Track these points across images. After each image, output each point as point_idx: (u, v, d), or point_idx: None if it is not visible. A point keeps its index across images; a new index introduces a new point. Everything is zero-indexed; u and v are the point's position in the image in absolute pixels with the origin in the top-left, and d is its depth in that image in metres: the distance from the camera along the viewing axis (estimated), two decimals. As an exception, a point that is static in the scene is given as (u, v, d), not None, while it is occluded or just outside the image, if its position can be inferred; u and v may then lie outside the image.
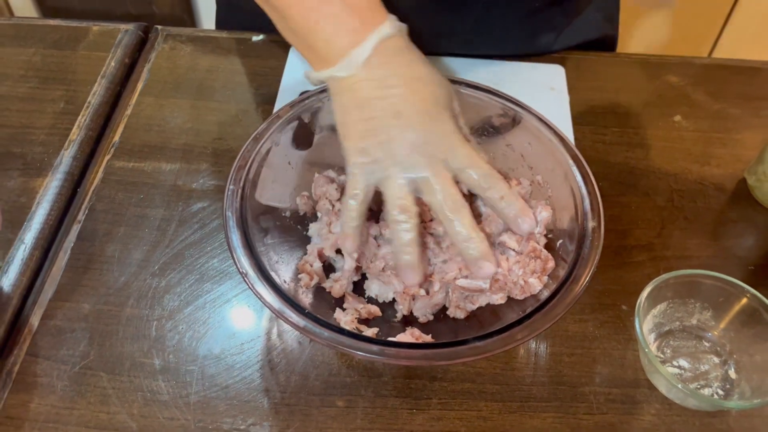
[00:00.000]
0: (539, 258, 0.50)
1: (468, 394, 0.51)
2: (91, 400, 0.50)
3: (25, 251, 0.57)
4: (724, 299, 0.52)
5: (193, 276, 0.57)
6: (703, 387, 0.51)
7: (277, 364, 0.52)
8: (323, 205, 0.56)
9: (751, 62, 0.78)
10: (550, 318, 0.44)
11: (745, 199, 0.65)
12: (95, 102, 0.70)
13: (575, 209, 0.51)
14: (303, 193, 0.58)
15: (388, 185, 0.48)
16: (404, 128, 0.47)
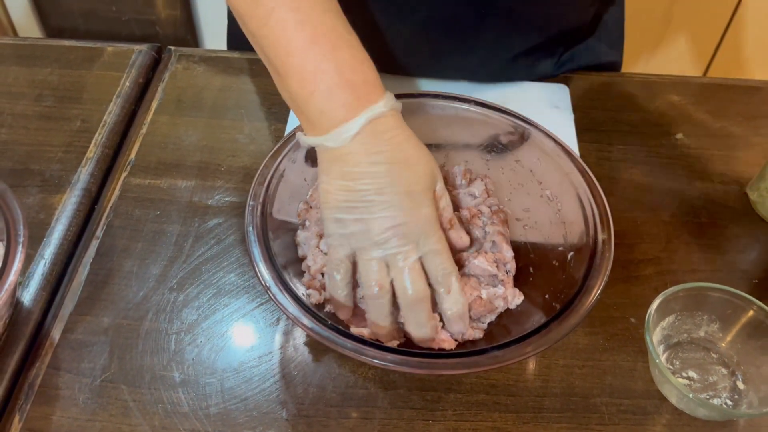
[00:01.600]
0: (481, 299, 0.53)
1: (482, 405, 0.52)
2: (112, 413, 0.51)
3: (45, 266, 0.59)
4: (731, 311, 0.54)
5: (210, 290, 0.58)
6: (712, 398, 0.52)
7: (294, 377, 0.53)
8: (314, 213, 0.57)
9: (750, 81, 0.80)
10: (565, 328, 0.46)
11: (748, 214, 0.66)
12: (111, 121, 0.71)
13: (585, 222, 0.53)
14: (303, 200, 0.59)
15: (362, 260, 0.50)
16: (384, 207, 0.48)
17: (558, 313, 0.47)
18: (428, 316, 0.50)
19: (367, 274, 0.50)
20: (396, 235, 0.48)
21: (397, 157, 0.50)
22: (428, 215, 0.50)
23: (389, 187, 0.49)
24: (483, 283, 0.55)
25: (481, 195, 0.60)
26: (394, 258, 0.49)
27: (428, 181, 0.51)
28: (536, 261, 0.57)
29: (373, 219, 0.49)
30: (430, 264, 0.50)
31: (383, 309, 0.50)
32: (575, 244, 0.53)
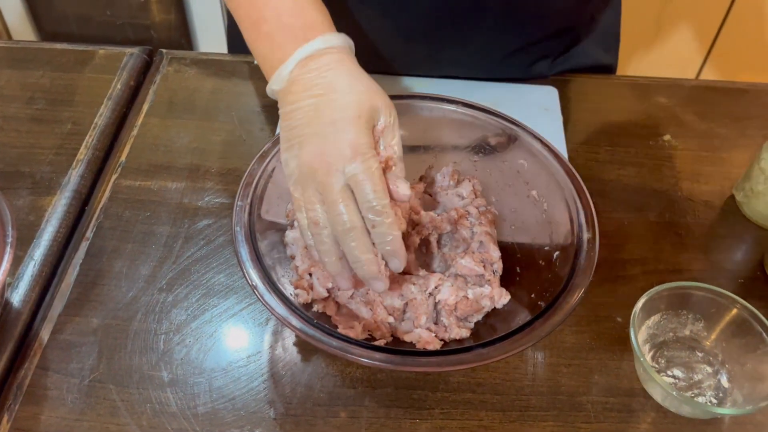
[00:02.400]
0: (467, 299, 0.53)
1: (469, 404, 0.53)
2: (100, 412, 0.51)
3: (34, 267, 0.59)
4: (716, 310, 0.54)
5: (199, 291, 0.58)
6: (697, 396, 0.53)
7: (282, 376, 0.54)
8: None
9: (738, 83, 0.81)
10: (549, 326, 0.46)
11: (734, 214, 0.67)
12: (102, 123, 0.72)
13: (570, 222, 0.53)
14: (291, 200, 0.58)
15: (302, 197, 0.50)
16: (309, 138, 0.49)
17: (542, 312, 0.47)
18: (362, 248, 0.48)
19: (300, 213, 0.50)
20: (321, 166, 0.48)
21: (328, 89, 0.50)
22: (352, 140, 0.48)
23: (316, 118, 0.49)
24: (470, 283, 0.55)
25: (469, 196, 0.60)
26: (324, 189, 0.48)
27: (356, 110, 0.49)
28: (523, 261, 0.57)
29: (303, 152, 0.49)
30: (357, 193, 0.48)
31: (322, 246, 0.49)
32: (561, 243, 0.54)
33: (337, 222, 0.48)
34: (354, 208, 0.48)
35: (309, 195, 0.49)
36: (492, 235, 0.58)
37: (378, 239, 0.48)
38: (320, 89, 0.50)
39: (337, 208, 0.48)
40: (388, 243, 0.48)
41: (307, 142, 0.49)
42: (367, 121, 0.49)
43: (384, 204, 0.48)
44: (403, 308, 0.54)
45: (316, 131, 0.49)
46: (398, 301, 0.53)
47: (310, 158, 0.49)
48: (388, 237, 0.48)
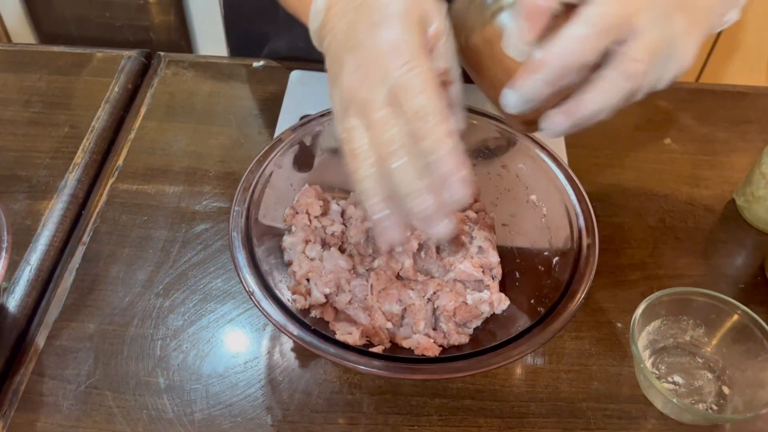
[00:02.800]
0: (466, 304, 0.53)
1: (468, 410, 0.52)
2: (96, 419, 0.51)
3: (30, 272, 0.58)
4: (716, 316, 0.54)
5: (196, 296, 0.58)
6: (698, 402, 0.52)
7: (279, 382, 0.53)
8: (301, 219, 0.57)
9: (738, 87, 0.80)
10: (549, 332, 0.46)
11: (734, 219, 0.66)
12: (99, 126, 0.71)
13: (570, 227, 0.53)
14: (289, 205, 0.58)
15: (341, 136, 0.41)
16: (347, 57, 0.40)
17: (542, 318, 0.47)
18: (413, 173, 0.37)
19: (350, 148, 0.40)
20: (360, 82, 0.39)
21: (362, 2, 0.41)
22: (395, 40, 0.38)
23: (352, 32, 0.40)
24: (469, 289, 0.55)
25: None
26: (364, 108, 0.39)
27: (400, 6, 0.39)
28: (522, 266, 0.57)
29: (341, 78, 0.40)
30: (403, 102, 0.38)
31: (364, 183, 0.39)
32: (560, 248, 0.53)
33: (380, 144, 0.38)
34: (401, 124, 0.38)
35: (348, 123, 0.40)
36: (491, 240, 0.57)
37: (429, 155, 0.37)
38: (352, 6, 0.41)
39: (378, 127, 0.38)
40: (444, 159, 0.37)
41: (345, 62, 0.40)
42: (417, 21, 0.40)
43: (433, 111, 0.37)
44: (401, 314, 0.53)
45: (353, 45, 0.40)
46: (396, 307, 0.53)
47: (349, 80, 0.39)
48: (442, 150, 0.37)
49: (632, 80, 0.38)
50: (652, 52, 0.39)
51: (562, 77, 0.39)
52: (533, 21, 0.39)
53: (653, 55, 0.39)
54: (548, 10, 0.39)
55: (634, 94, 0.41)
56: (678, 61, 0.41)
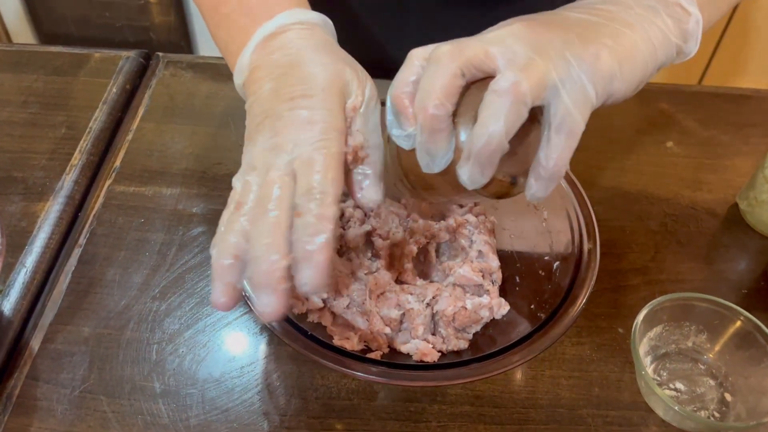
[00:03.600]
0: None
1: (467, 416, 0.52)
2: (91, 424, 0.50)
3: (26, 275, 0.58)
4: (719, 322, 0.53)
5: (193, 299, 0.57)
6: (700, 409, 0.52)
7: (276, 388, 0.53)
8: None
9: (741, 90, 0.80)
10: (549, 338, 0.45)
11: (737, 223, 0.66)
12: (96, 127, 0.71)
13: (571, 231, 0.52)
14: None
15: (234, 189, 0.42)
16: (263, 123, 0.41)
17: (542, 323, 0.46)
18: (274, 243, 0.36)
19: (230, 202, 0.41)
20: (270, 148, 0.39)
21: (287, 66, 0.42)
22: (309, 117, 0.39)
23: (275, 99, 0.41)
24: (468, 293, 0.54)
25: (468, 204, 0.59)
26: (263, 171, 0.39)
27: (320, 83, 0.40)
28: (522, 270, 0.56)
29: (257, 141, 0.41)
30: (298, 176, 0.38)
31: (229, 230, 0.38)
32: (561, 253, 0.53)
33: (260, 202, 0.38)
34: (288, 195, 0.38)
35: (246, 176, 0.40)
36: (491, 245, 0.57)
37: (300, 233, 0.37)
38: (280, 69, 0.42)
39: (267, 187, 0.38)
40: (311, 240, 0.36)
41: (263, 129, 0.40)
42: (336, 97, 0.41)
43: (325, 191, 0.38)
44: (400, 319, 0.53)
45: (273, 114, 0.40)
46: (395, 312, 0.52)
47: (262, 145, 0.40)
48: (315, 232, 0.37)
49: (512, 96, 0.36)
50: (528, 71, 0.37)
51: (435, 119, 0.38)
52: (404, 111, 0.39)
53: (531, 74, 0.37)
54: (411, 94, 0.39)
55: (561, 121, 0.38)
56: (589, 71, 0.38)
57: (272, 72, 0.42)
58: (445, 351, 0.52)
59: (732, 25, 1.53)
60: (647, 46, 0.41)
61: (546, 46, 0.38)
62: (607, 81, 0.39)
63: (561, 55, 0.38)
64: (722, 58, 1.60)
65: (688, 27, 0.44)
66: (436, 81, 0.37)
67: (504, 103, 0.36)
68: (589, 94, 0.38)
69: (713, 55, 1.60)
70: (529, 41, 0.38)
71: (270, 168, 0.39)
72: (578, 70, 0.38)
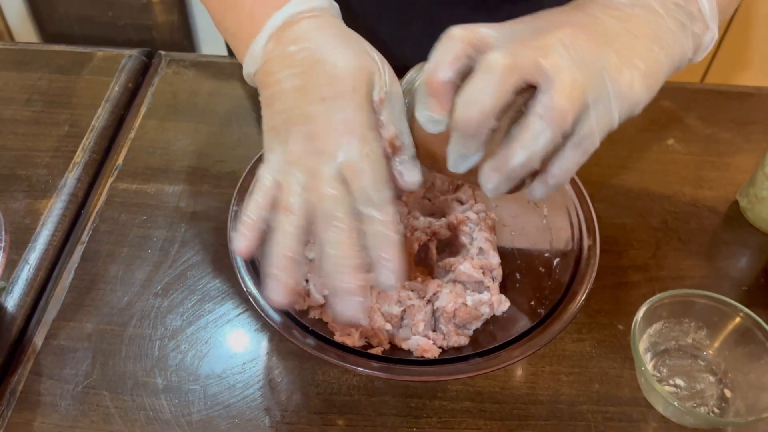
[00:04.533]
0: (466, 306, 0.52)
1: (467, 412, 0.52)
2: (93, 419, 0.51)
3: (29, 272, 0.58)
4: (719, 318, 0.53)
5: (195, 296, 0.58)
6: (699, 405, 0.52)
7: (278, 383, 0.53)
8: None
9: (742, 87, 0.80)
10: (549, 334, 0.45)
11: (738, 221, 0.66)
12: (99, 125, 0.71)
13: (571, 228, 0.52)
14: None
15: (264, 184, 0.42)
16: (296, 122, 0.41)
17: (542, 320, 0.47)
18: (349, 251, 0.39)
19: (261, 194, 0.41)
20: (310, 152, 0.40)
21: (310, 61, 0.42)
22: (347, 120, 0.40)
23: (302, 98, 0.41)
24: (469, 290, 0.54)
25: (468, 201, 0.59)
26: (312, 176, 0.40)
27: (350, 82, 0.41)
28: (523, 267, 0.56)
29: (289, 141, 0.41)
30: (353, 183, 0.40)
31: (282, 236, 0.40)
32: (561, 250, 0.53)
33: (322, 209, 0.39)
34: (346, 202, 0.40)
35: (289, 182, 0.41)
36: (492, 241, 0.57)
37: (371, 241, 0.39)
38: (302, 64, 0.42)
39: (322, 193, 0.39)
40: (384, 247, 0.39)
41: (294, 129, 0.41)
42: (365, 95, 0.41)
43: (385, 198, 0.40)
44: (400, 315, 0.53)
45: (304, 113, 0.41)
46: (396, 308, 0.53)
47: (298, 147, 0.41)
48: (386, 239, 0.39)
49: (555, 126, 0.37)
50: (572, 94, 0.37)
51: (478, 129, 0.38)
52: (438, 96, 0.39)
53: (574, 98, 0.37)
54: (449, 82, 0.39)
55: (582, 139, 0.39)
56: (620, 97, 0.39)
57: (293, 67, 0.42)
58: (446, 347, 0.52)
59: (734, 23, 1.53)
60: (670, 66, 0.42)
61: (588, 62, 0.38)
62: (632, 108, 0.40)
63: (599, 75, 0.38)
64: (724, 56, 1.60)
65: (702, 42, 0.45)
66: (487, 94, 0.37)
67: (546, 131, 0.37)
68: (613, 119, 0.39)
69: (715, 53, 1.60)
70: (574, 55, 0.38)
71: (316, 174, 0.40)
72: (611, 96, 0.38)
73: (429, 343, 0.50)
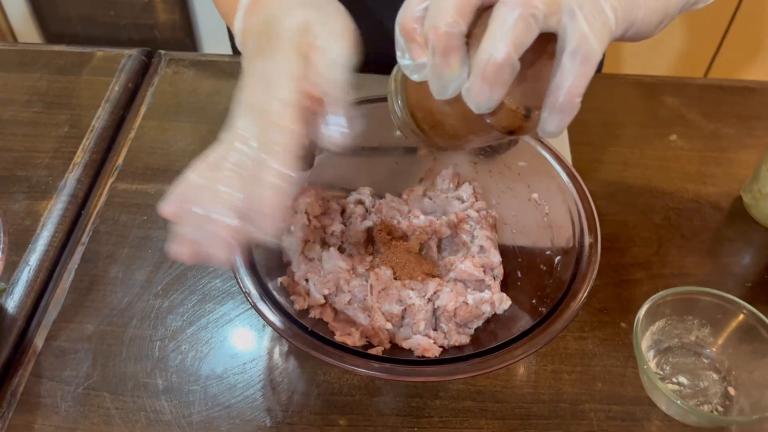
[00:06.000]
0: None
1: (469, 412, 0.52)
2: (94, 421, 0.50)
3: (29, 273, 0.58)
4: (722, 316, 0.53)
5: (195, 296, 0.58)
6: (703, 403, 0.51)
7: (279, 384, 0.53)
8: (300, 219, 0.56)
9: (745, 82, 0.79)
10: (550, 333, 0.45)
11: (741, 217, 0.65)
12: (99, 126, 0.71)
13: (572, 226, 0.52)
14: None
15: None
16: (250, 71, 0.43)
17: (544, 318, 0.46)
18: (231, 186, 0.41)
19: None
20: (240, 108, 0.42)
21: (264, 27, 0.43)
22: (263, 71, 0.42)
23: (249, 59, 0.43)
24: (470, 288, 0.54)
25: (469, 199, 0.59)
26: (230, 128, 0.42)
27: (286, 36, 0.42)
28: (524, 265, 0.56)
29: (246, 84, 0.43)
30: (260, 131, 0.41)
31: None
32: (563, 247, 0.52)
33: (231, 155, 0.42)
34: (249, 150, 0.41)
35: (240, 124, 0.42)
36: (493, 240, 0.57)
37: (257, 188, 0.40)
38: (259, 29, 0.43)
39: (233, 142, 0.41)
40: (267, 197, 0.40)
41: (249, 75, 0.42)
42: (298, 46, 0.41)
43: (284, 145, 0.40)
44: (401, 314, 0.53)
45: (246, 69, 0.43)
46: (396, 307, 0.52)
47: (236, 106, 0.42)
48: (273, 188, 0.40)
49: (523, 6, 0.34)
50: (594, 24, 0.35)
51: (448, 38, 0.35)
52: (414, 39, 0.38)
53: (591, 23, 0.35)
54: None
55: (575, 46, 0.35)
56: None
57: (253, 33, 0.44)
58: (447, 346, 0.52)
59: (737, 18, 1.52)
60: None
61: None
62: (628, 6, 0.37)
63: None
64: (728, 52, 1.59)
65: None
66: (448, 3, 0.35)
67: (512, 14, 0.34)
68: (608, 19, 0.36)
69: (719, 48, 1.59)
70: None
71: (234, 125, 0.42)
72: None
73: (430, 342, 0.50)
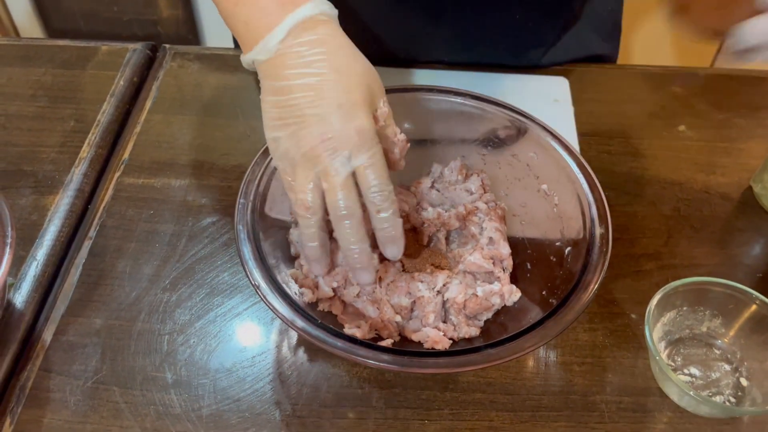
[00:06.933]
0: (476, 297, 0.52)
1: (479, 404, 0.51)
2: (103, 415, 0.50)
3: (37, 268, 0.58)
4: (734, 306, 0.52)
5: (203, 290, 0.57)
6: (715, 394, 0.51)
7: (288, 377, 0.53)
8: None
9: (755, 72, 0.78)
10: (561, 324, 0.44)
11: (752, 207, 0.65)
12: (105, 120, 0.71)
13: (582, 217, 0.51)
14: None
15: (295, 179, 0.48)
16: (312, 119, 0.46)
17: (553, 310, 0.46)
18: (359, 236, 0.47)
19: (296, 196, 0.48)
20: (326, 150, 0.46)
21: (328, 67, 0.47)
22: (361, 127, 0.46)
23: (318, 99, 0.46)
24: (479, 280, 0.54)
25: (478, 191, 0.59)
26: (325, 174, 0.46)
27: (363, 93, 0.47)
28: (533, 257, 0.56)
29: (304, 134, 0.46)
30: (363, 180, 0.47)
31: (308, 230, 0.48)
32: (573, 239, 0.52)
33: (336, 208, 0.47)
34: (355, 196, 0.47)
35: (303, 178, 0.47)
36: (502, 231, 0.56)
37: (381, 224, 0.48)
38: (319, 67, 0.47)
39: (337, 194, 0.47)
40: (391, 228, 0.48)
41: (309, 124, 0.46)
42: (370, 106, 0.48)
43: (390, 190, 0.48)
44: (410, 307, 0.52)
45: (320, 113, 0.46)
46: (406, 300, 0.52)
47: (313, 141, 0.46)
48: (393, 221, 0.48)
49: None
50: None
51: None
52: None
53: None
54: None
55: None
56: None
57: (309, 66, 0.47)
58: (456, 338, 0.51)
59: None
60: None
61: None
62: None
63: None
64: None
65: None
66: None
67: None
68: None
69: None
70: None
71: (333, 174, 0.46)
72: None
73: (439, 335, 0.50)
